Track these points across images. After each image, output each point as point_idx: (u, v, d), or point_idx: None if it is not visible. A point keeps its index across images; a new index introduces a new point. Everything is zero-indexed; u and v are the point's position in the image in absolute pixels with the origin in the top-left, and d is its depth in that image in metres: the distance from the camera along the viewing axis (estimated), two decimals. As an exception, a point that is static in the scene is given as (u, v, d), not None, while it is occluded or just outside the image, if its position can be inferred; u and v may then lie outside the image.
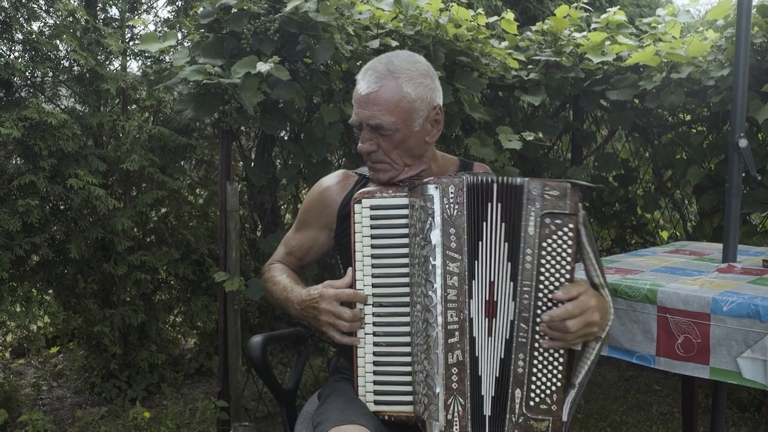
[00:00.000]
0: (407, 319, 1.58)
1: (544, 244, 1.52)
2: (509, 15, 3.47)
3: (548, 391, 1.53)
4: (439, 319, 1.51)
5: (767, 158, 3.33)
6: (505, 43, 3.58)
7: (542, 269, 1.52)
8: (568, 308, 1.50)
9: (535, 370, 1.53)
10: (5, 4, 3.09)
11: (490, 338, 1.54)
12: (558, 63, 3.51)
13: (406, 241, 1.60)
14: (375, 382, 1.59)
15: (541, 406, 1.53)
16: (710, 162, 3.82)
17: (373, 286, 1.60)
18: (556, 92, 3.58)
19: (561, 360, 1.53)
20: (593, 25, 3.70)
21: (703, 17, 4.17)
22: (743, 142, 2.22)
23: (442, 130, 1.83)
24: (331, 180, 1.89)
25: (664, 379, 4.01)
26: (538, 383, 1.53)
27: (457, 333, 1.51)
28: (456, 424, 1.51)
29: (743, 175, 2.30)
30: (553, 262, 1.52)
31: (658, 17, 3.70)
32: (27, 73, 3.28)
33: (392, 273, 1.60)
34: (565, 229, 1.52)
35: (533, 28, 3.70)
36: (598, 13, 3.93)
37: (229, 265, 2.95)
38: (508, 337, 1.53)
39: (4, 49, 3.22)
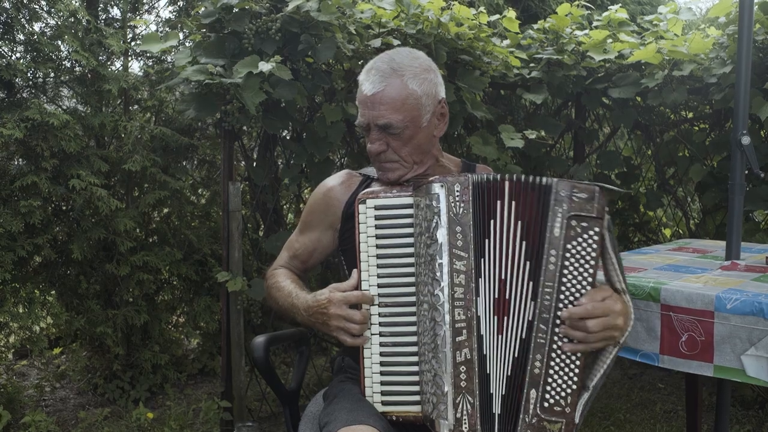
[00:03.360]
0: (413, 318, 1.58)
1: (569, 246, 1.51)
2: (511, 13, 3.46)
3: (563, 393, 1.52)
4: (447, 318, 1.50)
5: (770, 155, 3.33)
6: (506, 42, 3.57)
7: (565, 271, 1.51)
8: (588, 307, 1.49)
9: (551, 371, 1.52)
10: (7, 5, 3.09)
11: (500, 336, 1.53)
12: (560, 61, 3.51)
13: (411, 240, 1.59)
14: (382, 383, 1.59)
15: (555, 408, 1.52)
16: (713, 159, 3.82)
17: (379, 286, 1.60)
18: (558, 90, 3.58)
19: (578, 363, 1.52)
20: (595, 23, 3.70)
21: (704, 14, 4.16)
22: (746, 140, 2.22)
23: (447, 126, 1.82)
24: (335, 180, 1.88)
25: (668, 377, 4.01)
26: (554, 384, 1.52)
27: (464, 331, 1.51)
28: (465, 423, 1.50)
29: (746, 172, 2.30)
30: (576, 264, 1.51)
31: (659, 15, 3.70)
32: (29, 74, 3.28)
33: (398, 273, 1.60)
34: (591, 233, 1.51)
35: (535, 26, 3.69)
36: (600, 11, 3.92)
37: (232, 266, 2.95)
38: (524, 337, 1.53)
39: (6, 50, 3.22)
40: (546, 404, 1.52)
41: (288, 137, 3.39)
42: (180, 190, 3.69)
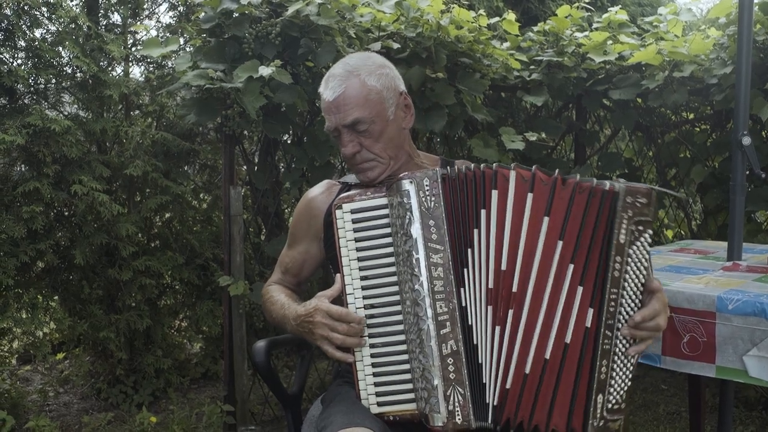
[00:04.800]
0: (400, 317, 1.57)
1: (630, 252, 1.51)
2: (511, 16, 3.46)
3: (621, 392, 1.55)
4: (429, 312, 1.51)
5: (771, 156, 3.32)
6: (506, 44, 3.58)
7: (626, 275, 1.52)
8: (657, 306, 1.53)
9: (613, 374, 1.54)
10: (8, 11, 3.10)
11: (498, 327, 1.52)
12: (560, 63, 3.51)
13: (390, 240, 1.59)
14: (376, 384, 1.59)
15: (615, 407, 1.54)
16: (714, 160, 3.81)
17: (363, 288, 1.59)
18: (559, 92, 3.57)
19: (633, 361, 1.56)
20: (595, 25, 3.70)
21: (705, 15, 4.16)
22: (746, 140, 2.22)
23: (414, 118, 1.85)
24: (316, 190, 1.90)
25: (670, 378, 4.00)
26: (615, 386, 1.54)
27: (448, 323, 1.51)
28: (458, 414, 1.50)
29: (747, 172, 2.30)
30: (635, 267, 1.52)
31: (659, 16, 3.69)
32: (30, 80, 3.29)
33: (381, 273, 1.59)
34: (646, 236, 1.52)
35: (535, 28, 3.69)
36: (600, 13, 3.93)
37: (234, 270, 2.95)
38: (569, 342, 1.52)
39: (8, 56, 3.23)
40: (610, 405, 1.54)
41: (289, 141, 3.39)
42: (181, 195, 3.70)
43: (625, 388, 1.55)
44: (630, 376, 1.55)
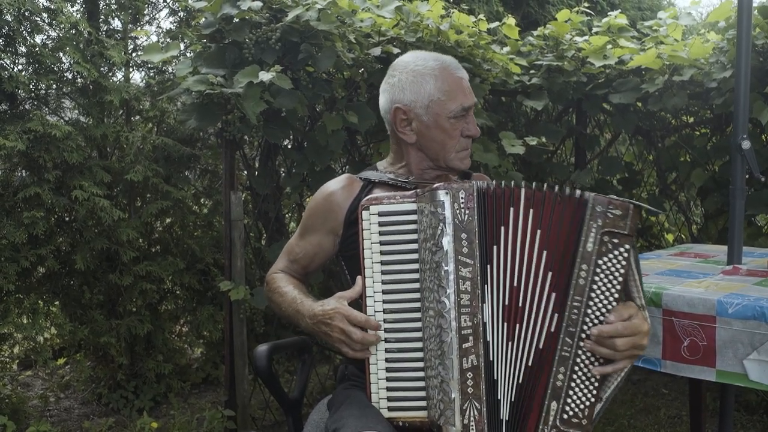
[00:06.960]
0: (418, 324, 1.57)
1: (600, 262, 1.50)
2: (510, 20, 3.47)
3: (582, 406, 1.53)
4: (453, 325, 1.50)
5: (771, 159, 3.32)
6: (506, 49, 3.58)
7: (594, 286, 1.51)
8: (618, 327, 1.49)
9: (572, 384, 1.52)
10: (8, 17, 3.10)
11: (510, 343, 1.53)
12: (560, 67, 3.51)
13: (414, 246, 1.58)
14: (388, 389, 1.59)
15: (573, 420, 1.52)
16: (714, 164, 3.81)
17: (383, 292, 1.59)
18: (559, 96, 3.58)
19: (598, 377, 1.53)
20: (595, 29, 3.70)
21: (704, 19, 4.16)
22: (746, 144, 2.22)
23: None
24: (336, 184, 1.85)
25: (671, 382, 4.00)
26: (574, 397, 1.52)
27: (471, 338, 1.51)
28: (472, 428, 1.50)
29: (747, 176, 2.30)
30: (606, 280, 1.51)
31: (659, 20, 3.70)
32: (31, 86, 3.30)
33: (402, 279, 1.59)
34: (621, 249, 1.50)
35: (535, 32, 3.70)
36: (600, 17, 3.93)
37: (234, 274, 2.95)
38: (541, 347, 1.52)
39: (8, 62, 3.24)
40: (565, 416, 1.52)
41: (289, 146, 3.40)
42: (182, 200, 3.70)
43: (587, 403, 1.53)
44: (595, 392, 1.53)
